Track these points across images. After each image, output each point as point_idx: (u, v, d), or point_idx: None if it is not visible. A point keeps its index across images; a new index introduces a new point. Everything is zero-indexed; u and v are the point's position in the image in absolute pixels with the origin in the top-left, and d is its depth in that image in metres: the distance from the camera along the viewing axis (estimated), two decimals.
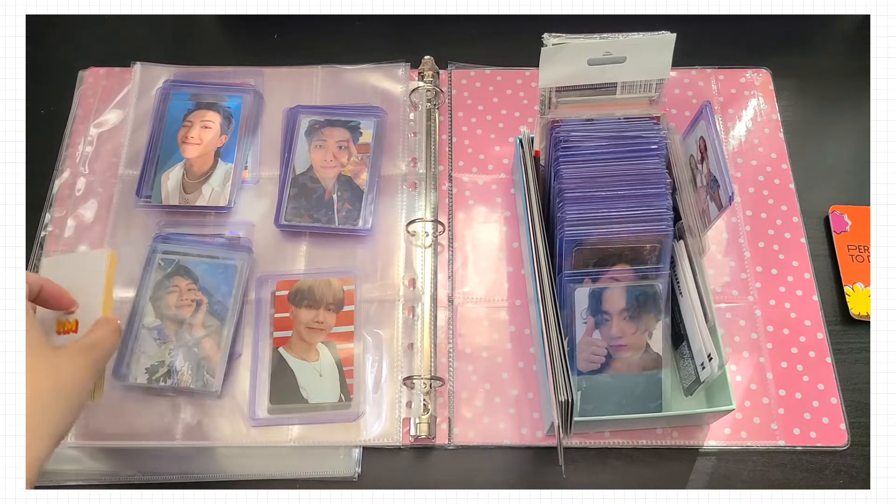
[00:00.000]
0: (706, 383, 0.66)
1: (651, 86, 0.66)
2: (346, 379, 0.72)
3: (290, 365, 0.73)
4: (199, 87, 0.87)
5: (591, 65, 0.64)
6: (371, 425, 0.71)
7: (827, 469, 0.70)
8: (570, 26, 0.67)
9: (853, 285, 0.77)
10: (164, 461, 0.70)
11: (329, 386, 0.72)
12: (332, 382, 0.72)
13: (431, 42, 0.91)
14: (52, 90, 0.89)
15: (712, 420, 0.70)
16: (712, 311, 0.65)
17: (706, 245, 0.68)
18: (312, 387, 0.72)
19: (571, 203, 0.65)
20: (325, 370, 0.73)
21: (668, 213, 0.65)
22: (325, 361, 0.73)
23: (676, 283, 0.68)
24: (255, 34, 0.95)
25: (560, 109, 0.68)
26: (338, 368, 0.73)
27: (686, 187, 0.69)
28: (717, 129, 0.63)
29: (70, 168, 0.84)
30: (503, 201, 0.83)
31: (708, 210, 0.65)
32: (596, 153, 0.66)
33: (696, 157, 0.67)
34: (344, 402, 0.71)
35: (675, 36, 0.63)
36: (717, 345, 0.64)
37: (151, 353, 0.72)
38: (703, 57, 0.91)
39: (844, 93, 0.90)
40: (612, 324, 0.67)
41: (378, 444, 0.71)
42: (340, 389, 0.72)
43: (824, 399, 0.72)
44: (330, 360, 0.73)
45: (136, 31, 0.95)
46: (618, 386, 0.68)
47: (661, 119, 0.67)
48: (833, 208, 0.82)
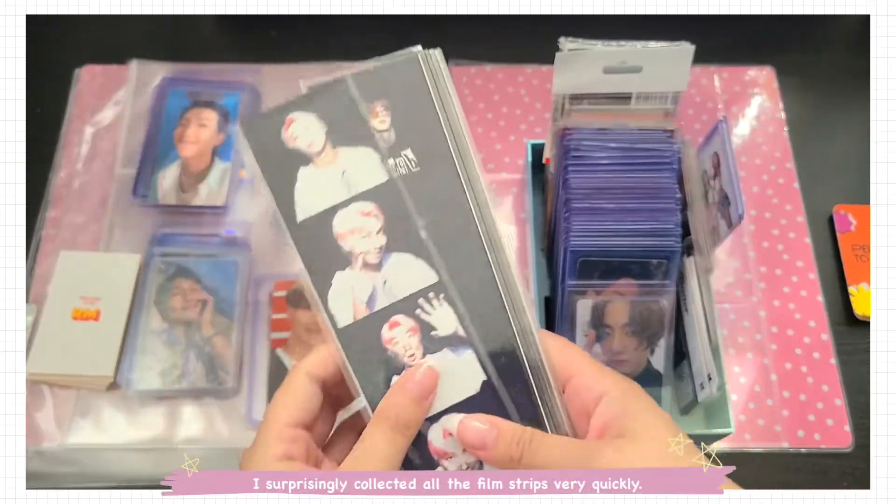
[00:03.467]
0: (703, 404, 0.65)
1: (667, 97, 0.65)
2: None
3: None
4: (196, 84, 0.86)
5: (606, 73, 0.62)
6: None
7: (831, 471, 0.70)
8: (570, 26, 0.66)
9: (857, 286, 0.77)
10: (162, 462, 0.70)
11: None
12: None
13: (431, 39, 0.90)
14: (47, 88, 0.88)
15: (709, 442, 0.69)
16: (715, 331, 0.64)
17: (714, 263, 0.67)
18: None
19: (578, 213, 0.64)
20: None
21: (677, 230, 0.64)
22: None
23: (683, 300, 0.67)
24: (252, 32, 0.94)
25: (573, 117, 0.66)
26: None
27: (697, 203, 0.68)
28: (732, 145, 0.62)
29: (66, 167, 0.83)
30: (504, 200, 0.82)
31: (718, 227, 0.64)
32: (607, 164, 0.65)
33: (710, 173, 0.66)
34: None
35: (693, 47, 0.62)
36: (718, 366, 0.63)
37: (162, 356, 0.71)
38: (706, 55, 0.90)
39: (849, 91, 0.90)
40: (614, 338, 0.66)
41: None
42: None
43: (829, 401, 0.72)
44: None
45: (132, 28, 0.94)
46: None
47: (675, 132, 0.66)
48: (837, 208, 0.81)
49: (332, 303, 0.42)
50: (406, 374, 0.42)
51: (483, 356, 0.43)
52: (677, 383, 0.69)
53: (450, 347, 0.43)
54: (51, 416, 0.70)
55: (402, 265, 0.43)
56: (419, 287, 0.43)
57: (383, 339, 0.43)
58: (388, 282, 0.43)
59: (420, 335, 0.43)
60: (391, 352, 0.43)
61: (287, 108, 0.44)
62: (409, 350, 0.43)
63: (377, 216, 0.43)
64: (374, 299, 0.43)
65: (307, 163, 0.43)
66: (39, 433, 0.70)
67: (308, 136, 0.43)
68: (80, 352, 0.70)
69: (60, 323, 0.71)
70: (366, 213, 0.43)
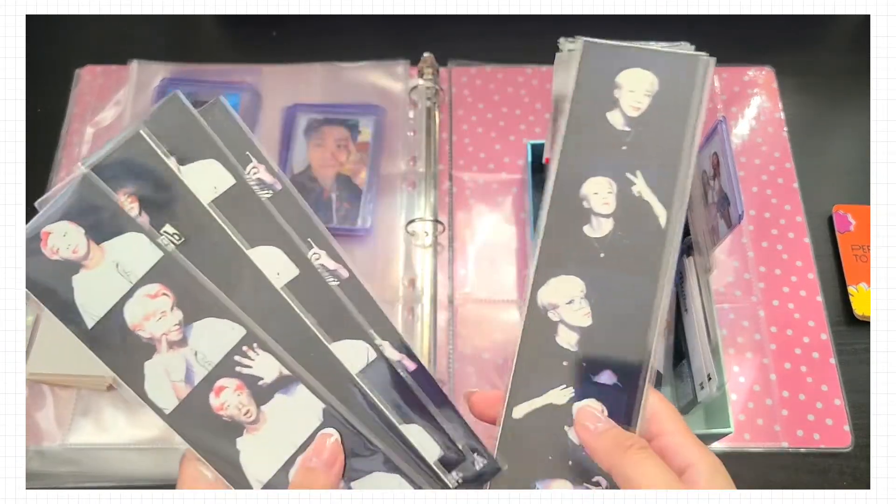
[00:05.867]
0: (703, 404, 0.65)
1: None
2: None
3: None
4: (197, 85, 0.86)
5: None
6: None
7: (831, 471, 0.70)
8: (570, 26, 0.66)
9: (857, 286, 0.77)
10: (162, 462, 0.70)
11: None
12: None
13: (431, 39, 0.91)
14: (48, 89, 0.88)
15: (709, 442, 0.69)
16: (715, 331, 0.64)
17: (714, 263, 0.67)
18: None
19: None
20: None
21: None
22: None
23: (682, 300, 0.67)
24: (252, 32, 0.94)
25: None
26: None
27: (697, 203, 0.68)
28: (731, 145, 0.62)
29: (67, 167, 0.83)
30: (504, 200, 0.82)
31: (717, 228, 0.64)
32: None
33: (709, 173, 0.66)
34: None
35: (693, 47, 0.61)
36: (718, 366, 0.63)
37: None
38: None
39: (849, 91, 0.90)
40: None
41: None
42: None
43: (828, 400, 0.72)
44: None
45: (132, 28, 0.94)
46: None
47: None
48: (837, 208, 0.81)
49: (151, 394, 0.42)
50: (307, 453, 0.43)
51: (315, 386, 0.43)
52: (677, 383, 0.69)
53: (280, 391, 0.43)
54: (51, 415, 0.71)
55: (206, 331, 0.43)
56: (231, 345, 0.43)
57: (214, 407, 0.42)
58: (198, 352, 0.42)
59: (248, 390, 0.43)
60: (226, 416, 0.42)
61: (38, 224, 0.42)
62: (242, 409, 0.42)
63: (165, 294, 0.42)
64: (192, 374, 0.42)
65: (77, 269, 0.42)
66: (40, 433, 0.70)
67: (68, 243, 0.42)
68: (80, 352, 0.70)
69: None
70: (152, 295, 0.42)
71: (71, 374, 0.70)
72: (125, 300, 0.42)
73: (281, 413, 0.43)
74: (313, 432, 0.43)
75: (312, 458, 0.42)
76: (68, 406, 0.71)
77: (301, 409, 0.43)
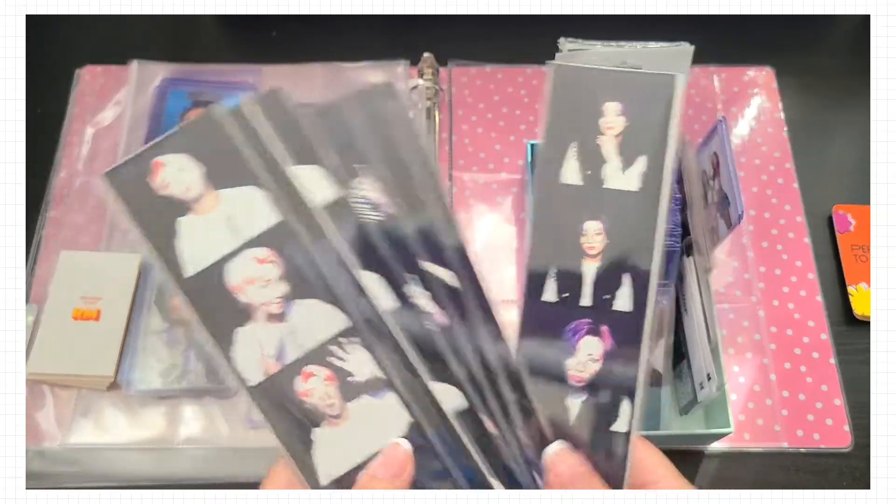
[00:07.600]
0: (703, 404, 0.65)
1: None
2: None
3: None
4: (197, 85, 0.86)
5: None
6: None
7: (831, 471, 0.70)
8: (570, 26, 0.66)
9: (857, 286, 0.77)
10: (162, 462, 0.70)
11: None
12: None
13: (431, 39, 0.91)
14: (48, 89, 0.88)
15: (708, 442, 0.69)
16: (715, 331, 0.64)
17: (714, 263, 0.67)
18: None
19: None
20: None
21: (676, 230, 0.64)
22: None
23: (682, 300, 0.67)
24: (252, 32, 0.94)
25: None
26: None
27: (697, 203, 0.68)
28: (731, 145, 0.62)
29: (67, 167, 0.83)
30: (504, 200, 0.82)
31: (717, 228, 0.64)
32: None
33: (709, 173, 0.66)
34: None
35: (693, 48, 0.62)
36: (717, 365, 0.63)
37: (162, 356, 0.71)
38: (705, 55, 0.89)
39: (849, 91, 0.90)
40: None
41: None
42: None
43: (828, 401, 0.72)
44: None
45: (133, 28, 0.94)
46: None
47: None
48: (836, 208, 0.81)
49: (238, 362, 0.40)
50: (375, 460, 0.41)
51: (407, 397, 0.41)
52: (677, 383, 0.69)
53: (369, 393, 0.41)
54: (51, 415, 0.70)
55: (309, 312, 0.40)
56: (330, 334, 0.40)
57: (298, 392, 0.40)
58: (295, 332, 0.40)
59: (337, 383, 0.40)
60: (309, 404, 0.40)
61: (154, 151, 0.39)
62: (327, 400, 0.40)
63: (274, 261, 0.39)
64: (284, 352, 0.40)
65: (186, 211, 0.39)
66: (40, 433, 0.70)
67: (182, 180, 0.39)
68: (80, 352, 0.70)
69: (61, 323, 0.71)
70: (261, 259, 0.39)
71: (71, 374, 0.70)
72: (230, 258, 0.39)
73: (365, 414, 0.40)
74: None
75: (379, 468, 0.40)
76: (68, 406, 0.71)
77: (386, 417, 0.41)
